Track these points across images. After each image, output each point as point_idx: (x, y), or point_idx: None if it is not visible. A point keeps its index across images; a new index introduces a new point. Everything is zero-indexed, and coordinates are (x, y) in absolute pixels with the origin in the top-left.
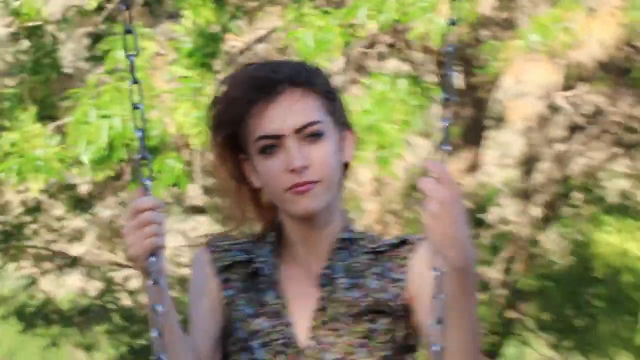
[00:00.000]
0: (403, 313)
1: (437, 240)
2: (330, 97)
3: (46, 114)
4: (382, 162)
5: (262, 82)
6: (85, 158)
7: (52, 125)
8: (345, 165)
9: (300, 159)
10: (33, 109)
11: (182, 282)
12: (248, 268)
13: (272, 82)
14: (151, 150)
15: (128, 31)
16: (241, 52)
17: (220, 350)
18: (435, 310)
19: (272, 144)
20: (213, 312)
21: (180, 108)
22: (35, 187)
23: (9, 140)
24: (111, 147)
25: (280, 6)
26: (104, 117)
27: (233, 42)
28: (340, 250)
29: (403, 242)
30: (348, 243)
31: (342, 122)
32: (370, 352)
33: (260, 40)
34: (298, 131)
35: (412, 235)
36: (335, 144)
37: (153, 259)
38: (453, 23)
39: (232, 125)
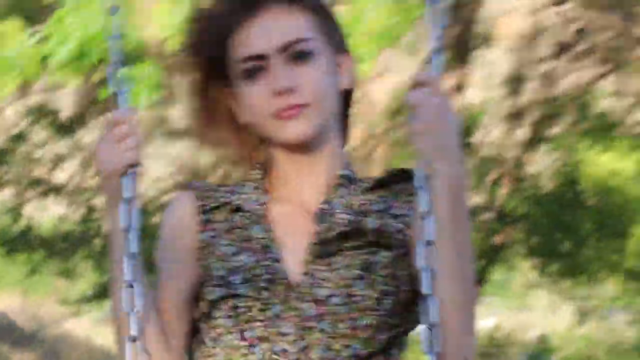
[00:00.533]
0: (405, 251)
1: (428, 151)
2: (322, 15)
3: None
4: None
5: None
6: (58, 57)
7: (31, 31)
8: (347, 96)
9: (286, 80)
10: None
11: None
12: (232, 208)
13: None
14: (127, 58)
15: None
16: None
17: (193, 301)
18: (425, 230)
19: (256, 66)
20: (188, 259)
21: (160, 9)
22: (7, 89)
23: None
24: (84, 49)
25: None
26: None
27: None
28: (340, 187)
29: (409, 176)
30: (348, 180)
31: (337, 43)
32: (370, 284)
33: None
34: (283, 49)
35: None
36: (327, 66)
37: (128, 175)
38: None
39: (213, 47)
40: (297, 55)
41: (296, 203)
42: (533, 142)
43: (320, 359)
